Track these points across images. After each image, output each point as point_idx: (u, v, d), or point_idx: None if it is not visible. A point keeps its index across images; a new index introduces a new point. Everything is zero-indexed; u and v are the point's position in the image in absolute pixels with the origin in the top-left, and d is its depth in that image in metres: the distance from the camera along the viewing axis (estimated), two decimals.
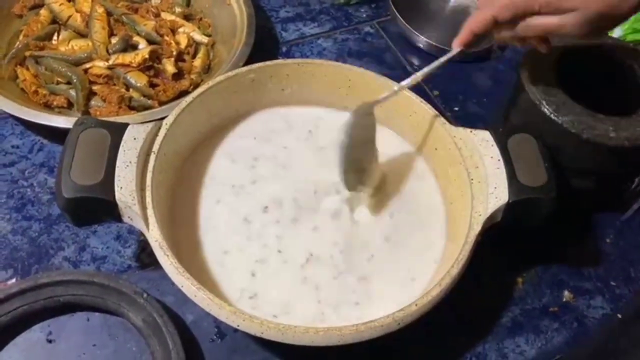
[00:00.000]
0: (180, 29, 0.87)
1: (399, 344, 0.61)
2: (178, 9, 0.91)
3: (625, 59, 0.71)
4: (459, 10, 1.01)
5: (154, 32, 0.84)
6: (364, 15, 0.99)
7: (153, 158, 0.59)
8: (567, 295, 0.69)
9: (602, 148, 0.63)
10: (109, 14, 0.85)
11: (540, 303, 0.68)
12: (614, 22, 0.54)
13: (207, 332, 0.62)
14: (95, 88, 0.78)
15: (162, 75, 0.81)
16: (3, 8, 0.86)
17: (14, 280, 0.64)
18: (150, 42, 0.83)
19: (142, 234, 0.58)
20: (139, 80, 0.78)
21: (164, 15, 0.88)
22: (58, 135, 0.71)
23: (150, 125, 0.61)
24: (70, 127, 0.59)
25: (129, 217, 0.56)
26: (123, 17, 0.84)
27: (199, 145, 0.69)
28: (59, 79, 0.79)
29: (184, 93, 0.80)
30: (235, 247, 0.62)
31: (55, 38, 0.84)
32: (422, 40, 0.93)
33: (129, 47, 0.81)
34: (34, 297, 0.59)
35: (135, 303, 0.59)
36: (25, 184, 0.72)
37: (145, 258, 0.67)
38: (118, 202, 0.55)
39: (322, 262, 0.61)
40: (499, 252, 0.67)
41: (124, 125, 0.60)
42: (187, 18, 0.90)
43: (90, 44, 0.81)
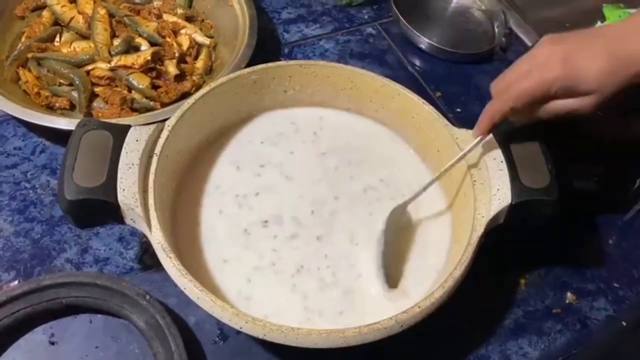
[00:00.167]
0: (182, 31, 0.87)
1: (402, 346, 0.61)
2: (180, 11, 0.91)
3: None
4: (461, 12, 1.01)
5: (156, 33, 0.84)
6: (366, 17, 0.99)
7: (155, 160, 0.59)
8: (570, 297, 0.69)
9: (605, 149, 0.63)
10: (111, 16, 0.85)
11: (543, 305, 0.68)
12: (624, 95, 0.53)
13: (209, 334, 0.62)
14: (98, 90, 0.78)
15: (164, 77, 0.81)
16: (5, 10, 0.86)
17: (17, 282, 0.64)
18: (152, 43, 0.83)
19: (144, 236, 0.58)
20: (141, 82, 0.78)
21: (166, 17, 0.88)
22: (60, 137, 0.71)
23: (153, 127, 0.61)
24: (73, 128, 0.59)
25: (132, 219, 0.56)
26: (125, 18, 0.84)
27: (205, 149, 0.69)
28: (61, 81, 0.79)
29: (186, 95, 0.80)
30: (234, 256, 0.62)
31: (58, 40, 0.84)
32: (424, 42, 0.92)
33: (131, 48, 0.81)
34: (37, 299, 0.59)
35: (138, 305, 0.59)
36: (28, 186, 0.72)
37: (148, 260, 0.67)
38: (120, 204, 0.55)
39: (311, 274, 0.62)
40: (502, 253, 0.67)
41: (126, 127, 0.60)
42: (189, 19, 0.90)
43: (93, 46, 0.81)
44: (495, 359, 0.63)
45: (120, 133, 0.59)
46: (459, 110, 0.85)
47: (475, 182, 0.61)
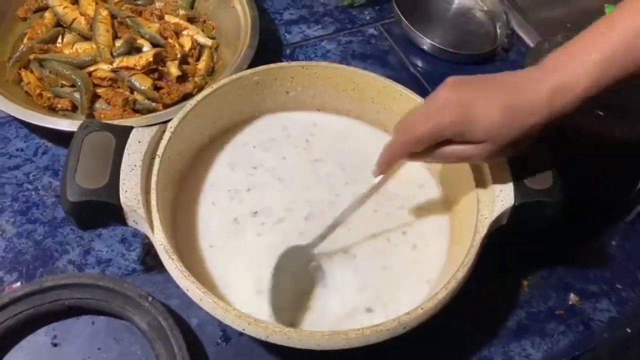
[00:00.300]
0: (184, 32, 0.87)
1: (404, 347, 0.61)
2: (182, 12, 0.91)
3: None
4: (463, 12, 1.01)
5: (158, 34, 0.84)
6: (368, 18, 0.99)
7: (157, 161, 0.59)
8: (573, 298, 0.69)
9: (606, 149, 0.63)
10: (113, 17, 0.85)
11: (546, 306, 0.68)
12: (530, 140, 0.53)
13: (212, 335, 0.62)
14: (100, 91, 0.78)
15: (166, 78, 0.81)
16: (7, 11, 0.86)
17: (19, 284, 0.64)
18: (155, 44, 0.83)
19: (146, 237, 0.58)
20: (143, 83, 0.78)
21: (168, 18, 0.88)
22: (62, 139, 0.71)
23: (155, 129, 0.61)
24: (75, 130, 0.59)
25: (134, 220, 0.56)
26: (127, 19, 0.84)
27: (202, 151, 0.69)
28: (64, 82, 0.79)
29: (188, 96, 0.80)
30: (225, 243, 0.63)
31: (60, 41, 0.84)
32: (425, 42, 0.92)
33: (133, 50, 0.81)
34: (39, 300, 0.59)
35: (140, 306, 0.59)
36: (30, 187, 0.72)
37: (150, 261, 0.67)
38: (123, 205, 0.55)
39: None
40: (504, 255, 0.66)
41: (129, 129, 0.60)
42: (191, 21, 0.90)
43: (95, 47, 0.81)
44: None
45: (123, 134, 0.59)
46: None
47: (478, 183, 0.61)
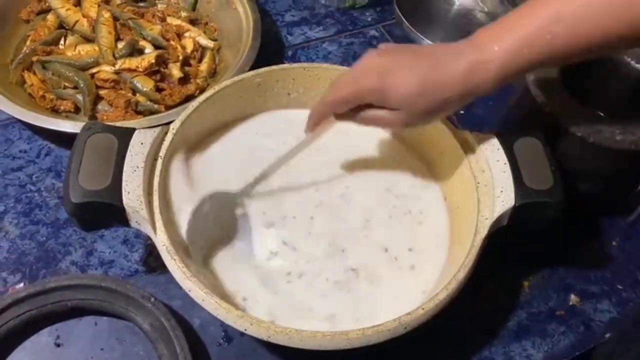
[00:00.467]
0: (186, 34, 0.88)
1: (405, 347, 0.61)
2: (184, 14, 0.91)
3: (631, 61, 0.71)
4: (463, 14, 1.01)
5: (160, 36, 0.84)
6: (369, 19, 1.00)
7: (160, 163, 0.60)
8: (573, 299, 0.69)
9: (608, 151, 0.63)
10: (116, 19, 0.85)
11: (547, 306, 0.68)
12: (445, 113, 0.56)
13: (214, 336, 0.62)
14: (102, 93, 0.79)
15: (168, 80, 0.82)
16: (10, 13, 0.86)
17: (22, 285, 0.64)
18: (157, 46, 0.83)
19: (149, 238, 0.58)
20: (146, 85, 0.78)
21: (170, 20, 0.89)
22: (65, 140, 0.72)
23: (157, 130, 0.61)
24: (78, 131, 0.59)
25: (137, 221, 0.57)
26: (129, 21, 0.85)
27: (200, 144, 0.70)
28: (66, 84, 0.79)
29: (190, 97, 0.80)
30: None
31: (62, 43, 0.84)
32: (427, 44, 0.93)
33: (135, 51, 0.82)
34: (42, 301, 0.59)
35: (143, 307, 0.59)
36: (33, 189, 0.73)
37: (153, 262, 0.67)
38: (125, 206, 0.55)
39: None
40: (505, 255, 0.67)
41: (131, 130, 0.60)
42: (193, 22, 0.91)
43: (97, 49, 0.82)
44: None
45: (125, 136, 0.59)
46: (462, 112, 0.85)
47: (479, 184, 0.61)
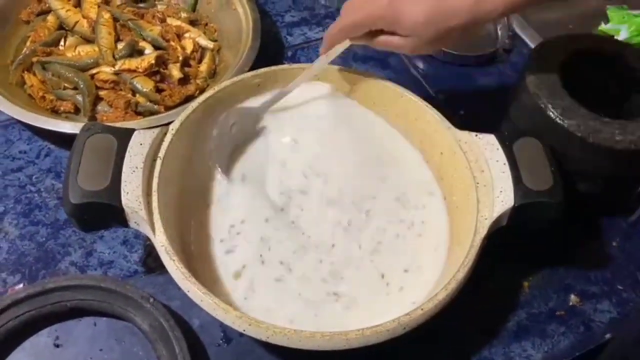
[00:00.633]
0: (186, 34, 0.88)
1: (404, 348, 0.61)
2: (184, 15, 0.91)
3: (631, 62, 0.71)
4: None
5: (160, 37, 0.84)
6: None
7: (159, 163, 0.60)
8: (573, 299, 0.69)
9: (608, 151, 0.63)
10: (115, 20, 0.85)
11: (547, 307, 0.68)
12: (453, 41, 0.58)
13: (213, 336, 0.62)
14: (102, 93, 0.79)
15: (168, 81, 0.82)
16: (10, 14, 0.86)
17: (22, 285, 0.64)
18: (156, 47, 0.83)
19: (148, 239, 0.58)
20: (145, 86, 0.78)
21: (170, 21, 0.89)
22: (65, 141, 0.72)
23: (156, 131, 0.61)
24: (77, 132, 0.59)
25: (135, 222, 0.57)
26: (129, 22, 0.85)
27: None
28: (66, 85, 0.79)
29: (190, 98, 0.80)
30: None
31: (62, 44, 0.84)
32: None
33: (135, 52, 0.82)
34: (42, 302, 0.59)
35: (142, 308, 0.59)
36: (33, 189, 0.73)
37: (152, 263, 0.67)
38: (124, 207, 0.55)
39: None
40: (505, 255, 0.66)
41: (130, 131, 0.60)
42: (192, 23, 0.91)
43: (97, 50, 0.82)
44: None
45: (124, 137, 0.59)
46: (462, 113, 0.85)
47: (479, 184, 0.61)
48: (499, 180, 0.60)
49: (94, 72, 0.80)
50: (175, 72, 0.81)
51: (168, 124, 0.63)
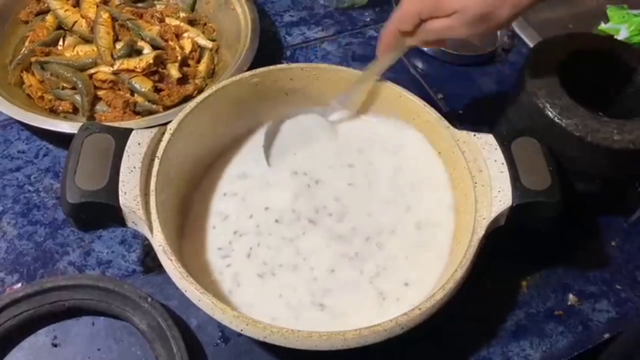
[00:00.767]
0: (185, 34, 0.88)
1: (403, 348, 0.61)
2: (182, 14, 0.91)
3: (630, 61, 0.71)
4: None
5: (159, 37, 0.84)
6: (368, 19, 1.00)
7: (157, 163, 0.60)
8: (572, 299, 0.69)
9: (606, 151, 0.63)
10: (114, 20, 0.85)
11: (545, 306, 0.68)
12: (494, 26, 0.58)
13: (211, 336, 0.62)
14: (100, 93, 0.79)
15: (166, 80, 0.82)
16: (9, 14, 0.86)
17: (20, 285, 0.64)
18: (155, 47, 0.83)
19: (146, 239, 0.58)
20: (144, 86, 0.78)
21: (169, 21, 0.89)
22: (64, 141, 0.72)
23: (155, 131, 0.61)
24: (75, 132, 0.59)
25: (133, 221, 0.57)
26: (128, 22, 0.85)
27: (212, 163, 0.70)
28: (65, 85, 0.79)
29: (189, 98, 0.80)
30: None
31: (61, 44, 0.84)
32: None
33: (134, 52, 0.82)
34: (40, 301, 0.59)
35: (140, 307, 0.59)
36: (31, 189, 0.73)
37: (150, 262, 0.67)
38: (122, 207, 0.55)
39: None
40: (503, 255, 0.66)
41: (128, 131, 0.60)
42: (191, 23, 0.91)
43: (95, 50, 0.82)
44: None
45: (122, 136, 0.59)
46: (461, 112, 0.85)
47: (477, 184, 0.61)
48: (497, 180, 0.60)
49: (93, 72, 0.80)
50: (174, 71, 0.81)
51: (166, 124, 0.63)
